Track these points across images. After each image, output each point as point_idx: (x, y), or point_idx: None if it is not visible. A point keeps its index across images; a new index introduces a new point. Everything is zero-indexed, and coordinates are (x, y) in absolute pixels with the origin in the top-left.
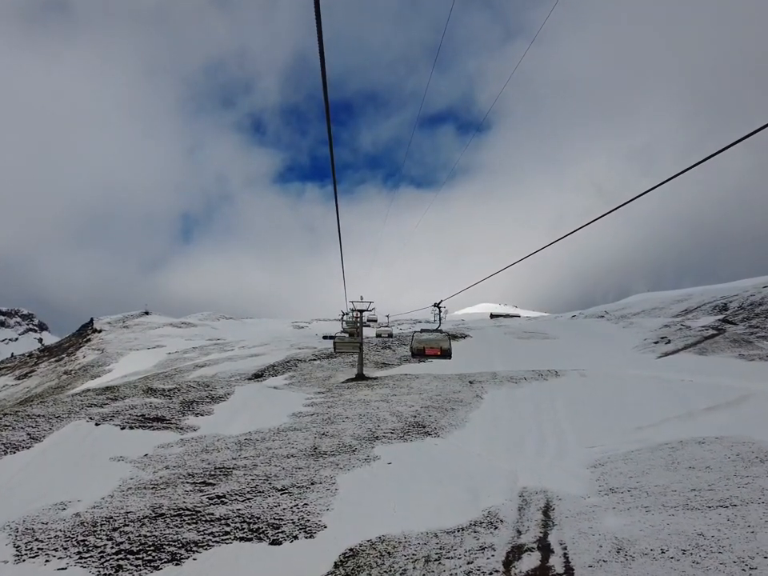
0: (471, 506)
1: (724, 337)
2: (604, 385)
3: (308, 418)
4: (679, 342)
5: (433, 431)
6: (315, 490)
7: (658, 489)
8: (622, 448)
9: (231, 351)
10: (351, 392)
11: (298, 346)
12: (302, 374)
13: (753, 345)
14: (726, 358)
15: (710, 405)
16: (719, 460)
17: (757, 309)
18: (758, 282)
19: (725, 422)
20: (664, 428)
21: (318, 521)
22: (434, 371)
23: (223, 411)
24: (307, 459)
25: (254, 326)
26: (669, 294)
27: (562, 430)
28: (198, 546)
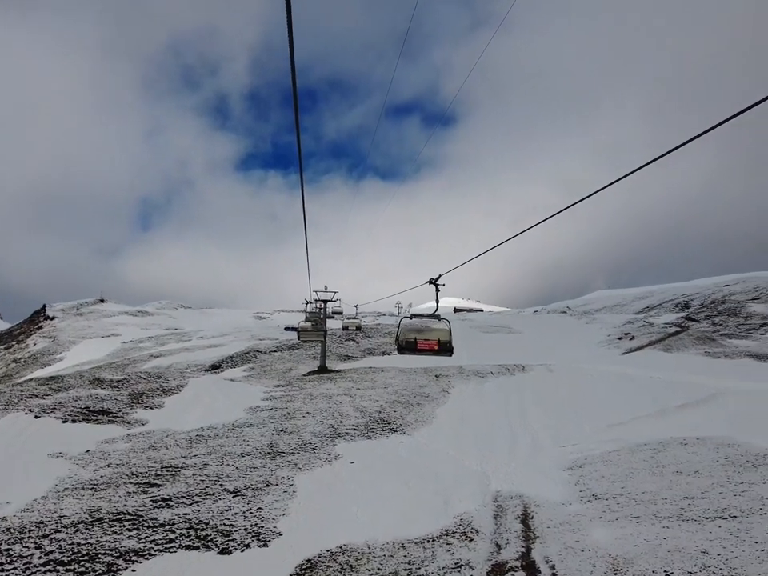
0: (441, 512)
1: (688, 334)
2: (572, 380)
3: (266, 413)
4: (643, 339)
5: (398, 428)
6: (271, 492)
7: (647, 496)
8: (597, 448)
9: (189, 341)
10: (313, 385)
11: (258, 337)
12: (261, 366)
13: (717, 342)
14: (691, 355)
15: (681, 402)
16: (707, 464)
17: (719, 307)
18: (718, 281)
19: (699, 420)
20: (637, 426)
21: (272, 527)
22: (399, 364)
23: (175, 405)
24: (263, 458)
25: (213, 316)
26: (630, 292)
27: (533, 427)
28: (139, 555)
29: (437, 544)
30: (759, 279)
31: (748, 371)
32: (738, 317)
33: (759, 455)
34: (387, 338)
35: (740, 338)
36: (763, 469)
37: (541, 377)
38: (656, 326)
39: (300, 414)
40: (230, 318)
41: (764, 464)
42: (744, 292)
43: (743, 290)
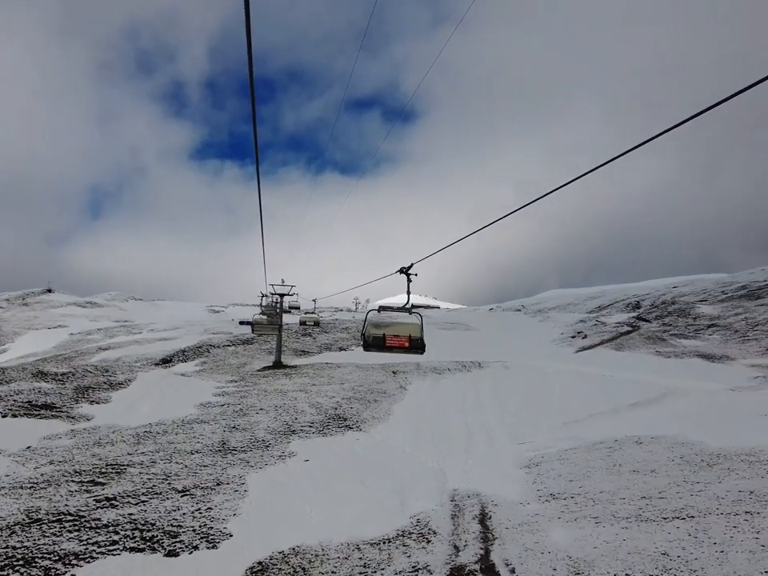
0: (398, 512)
1: (639, 333)
2: (527, 377)
3: (217, 409)
4: (595, 338)
5: (354, 424)
6: (221, 491)
7: (605, 496)
8: (554, 446)
9: (139, 334)
10: (267, 381)
11: (212, 330)
12: (214, 361)
13: (666, 342)
14: (642, 354)
15: (633, 401)
16: (663, 463)
17: (669, 308)
18: (667, 283)
19: (652, 419)
20: (592, 424)
21: (222, 528)
22: (356, 360)
23: (122, 399)
24: (214, 456)
25: (166, 308)
26: (583, 291)
27: (489, 424)
28: (79, 558)
29: (393, 546)
30: (707, 281)
31: (697, 371)
32: (687, 317)
33: (713, 455)
34: (344, 333)
35: (689, 338)
36: (718, 469)
37: (497, 374)
38: (608, 325)
39: (253, 410)
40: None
41: (718, 464)
42: (693, 293)
43: (692, 291)
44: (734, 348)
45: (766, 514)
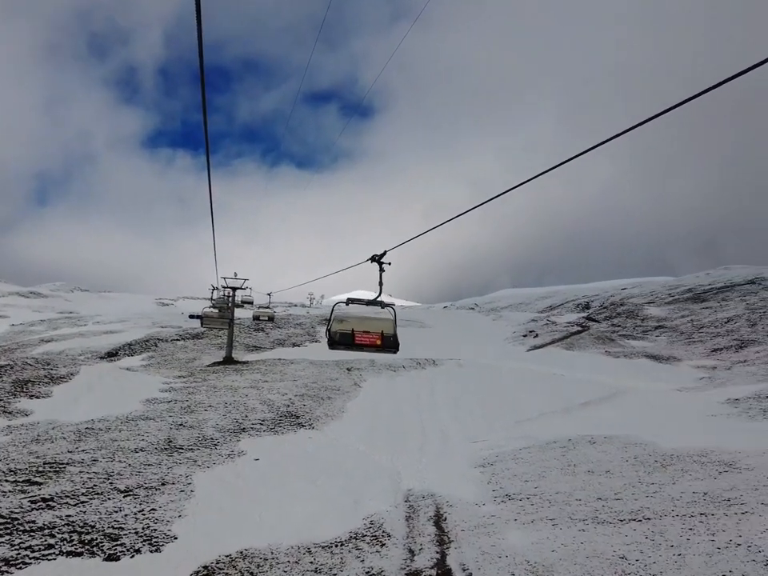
0: (351, 513)
1: (589, 333)
2: (481, 376)
3: (164, 406)
4: (547, 337)
5: (307, 422)
6: (166, 491)
7: (561, 497)
8: (508, 445)
9: (84, 326)
10: (217, 377)
11: (160, 324)
12: (162, 355)
13: (615, 342)
14: (592, 354)
15: (584, 400)
16: (618, 464)
17: (618, 309)
18: (616, 284)
19: (603, 418)
20: (545, 423)
21: (167, 530)
22: (310, 356)
23: (64, 394)
24: (159, 454)
25: (113, 300)
26: (534, 291)
27: (444, 422)
28: (10, 564)
29: (346, 549)
30: (654, 284)
31: (645, 371)
32: (635, 319)
33: (666, 455)
34: (298, 329)
35: (637, 339)
36: (671, 470)
37: (451, 372)
38: (558, 324)
39: (202, 407)
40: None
41: (671, 464)
42: (641, 295)
43: (640, 293)
44: (680, 349)
45: (719, 515)
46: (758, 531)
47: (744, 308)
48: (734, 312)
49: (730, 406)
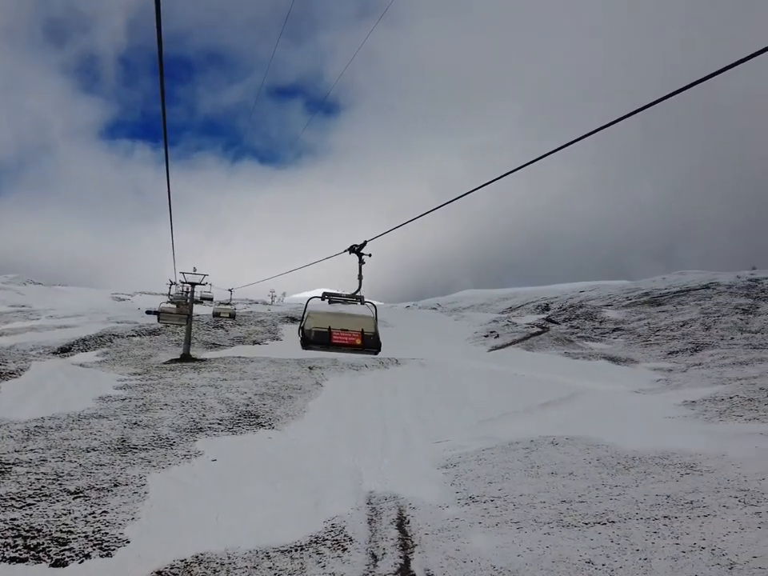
0: (312, 515)
1: (548, 335)
2: (443, 376)
3: (118, 404)
4: (507, 337)
5: (267, 422)
6: (119, 493)
7: (525, 499)
8: (470, 445)
9: (37, 320)
10: (174, 375)
11: (116, 319)
12: (117, 352)
13: (574, 344)
14: (552, 355)
15: (545, 400)
16: (581, 465)
17: (577, 311)
18: (575, 287)
19: (564, 419)
20: (507, 423)
21: (118, 534)
22: (271, 354)
23: (12, 390)
24: (112, 454)
25: (67, 294)
26: (495, 292)
27: (406, 422)
28: None
29: (306, 554)
30: (611, 287)
31: (603, 372)
32: (594, 321)
33: (628, 457)
34: (259, 326)
35: (595, 341)
36: (634, 472)
37: (414, 371)
38: (519, 325)
39: (157, 405)
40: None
41: (634, 467)
42: (599, 298)
43: (598, 296)
44: (637, 351)
45: (683, 518)
46: (721, 534)
47: (699, 312)
48: (690, 316)
49: (686, 408)
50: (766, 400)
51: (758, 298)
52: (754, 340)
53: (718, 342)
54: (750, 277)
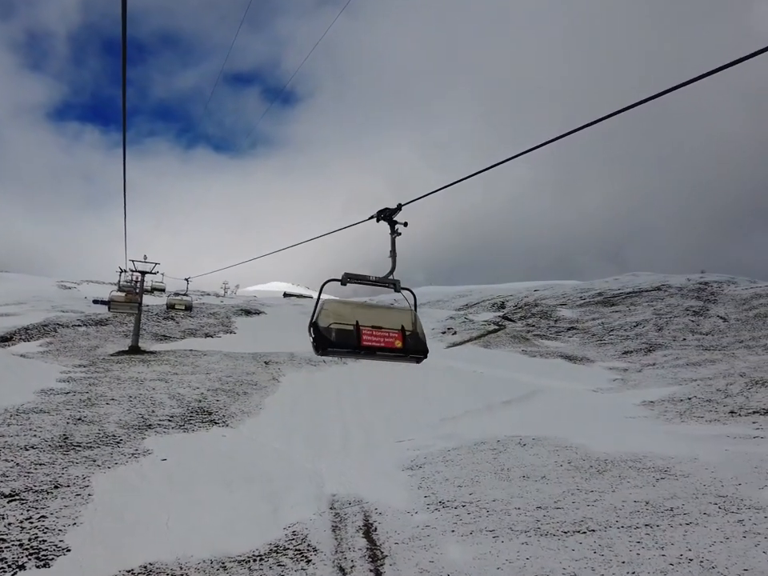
0: (270, 521)
1: (505, 332)
2: (403, 372)
3: (61, 398)
4: (465, 334)
5: (221, 419)
6: (60, 495)
7: (498, 505)
8: (435, 445)
9: None
10: (121, 367)
11: (61, 308)
12: (61, 342)
13: (530, 342)
14: (509, 353)
15: (506, 398)
16: (552, 468)
17: (533, 309)
18: (529, 286)
19: (526, 418)
20: (469, 421)
21: (58, 541)
22: (224, 348)
23: None
24: (53, 452)
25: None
26: (451, 289)
27: (367, 419)
28: None
29: (266, 565)
30: (565, 287)
31: (561, 370)
32: (549, 319)
33: (600, 460)
34: (212, 318)
35: (550, 339)
36: (609, 476)
37: (373, 367)
38: (476, 322)
39: (103, 400)
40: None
41: (607, 470)
42: (553, 297)
43: (552, 295)
44: (592, 350)
45: (665, 526)
46: (707, 544)
47: (651, 313)
48: (642, 316)
49: (645, 408)
50: (723, 401)
51: (708, 300)
52: (705, 341)
53: (670, 342)
54: (699, 280)
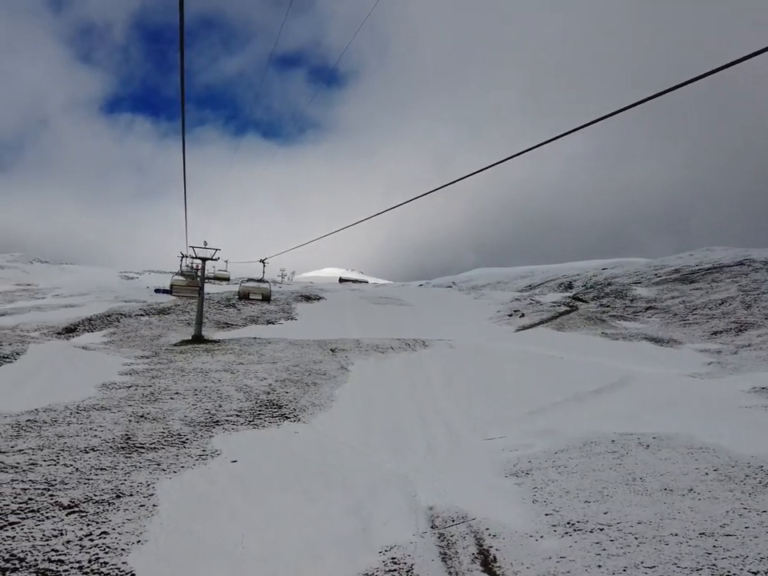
0: (361, 542)
1: (578, 314)
2: (476, 358)
3: (123, 392)
4: (534, 317)
5: (291, 413)
6: (122, 506)
7: (646, 529)
8: (534, 444)
9: (42, 300)
10: (185, 358)
11: (124, 298)
12: (124, 332)
13: (607, 323)
14: (587, 335)
15: (594, 387)
16: (697, 478)
17: (606, 288)
18: (596, 264)
19: (627, 409)
20: (562, 414)
21: (121, 564)
22: (288, 335)
23: (6, 377)
24: (114, 455)
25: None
26: (511, 270)
27: (446, 412)
28: None
29: None
30: (636, 264)
31: (647, 354)
32: (624, 299)
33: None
34: (273, 305)
35: (628, 320)
36: None
37: (443, 353)
38: (544, 304)
39: (167, 394)
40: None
41: None
42: (625, 275)
43: (624, 273)
44: (677, 331)
45: None
46: None
47: (737, 289)
48: (727, 293)
49: (761, 396)
50: None
51: None
52: None
53: (762, 321)
54: None
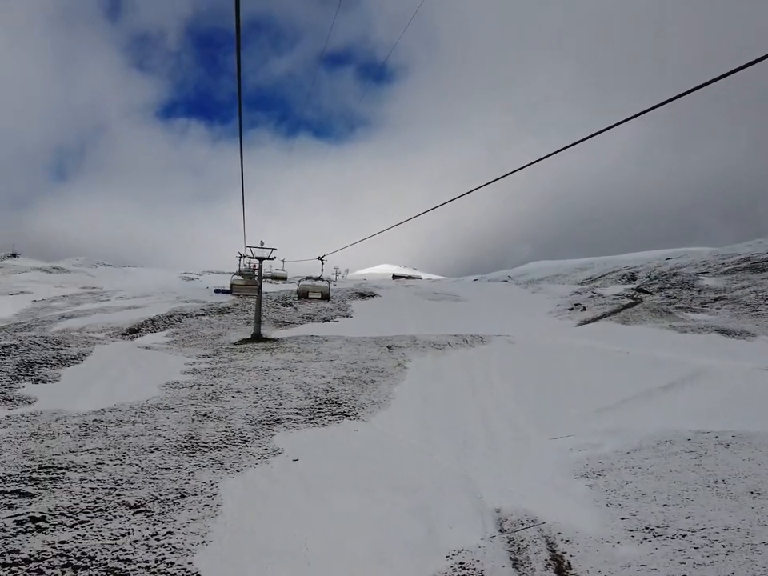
0: (427, 545)
1: (643, 306)
2: (537, 354)
3: (186, 391)
4: (596, 310)
5: (351, 411)
6: (186, 506)
7: (735, 536)
8: (604, 443)
9: (107, 302)
10: (245, 356)
11: (185, 298)
12: (186, 332)
13: (674, 316)
14: (654, 329)
15: (664, 382)
16: None
17: (671, 279)
18: (659, 254)
19: (701, 406)
20: (631, 412)
21: (186, 564)
22: (344, 333)
23: (73, 378)
24: (178, 454)
25: (136, 275)
26: (569, 262)
27: (508, 410)
28: None
29: None
30: (703, 254)
31: (718, 347)
32: (691, 290)
33: None
34: (328, 303)
35: (696, 312)
36: None
37: (502, 349)
38: (606, 297)
39: (229, 393)
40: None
41: None
42: (690, 265)
43: (689, 263)
44: (749, 323)
45: None
46: None
47: None
48: None
49: None
50: None
51: None
52: None
53: None
54: None
